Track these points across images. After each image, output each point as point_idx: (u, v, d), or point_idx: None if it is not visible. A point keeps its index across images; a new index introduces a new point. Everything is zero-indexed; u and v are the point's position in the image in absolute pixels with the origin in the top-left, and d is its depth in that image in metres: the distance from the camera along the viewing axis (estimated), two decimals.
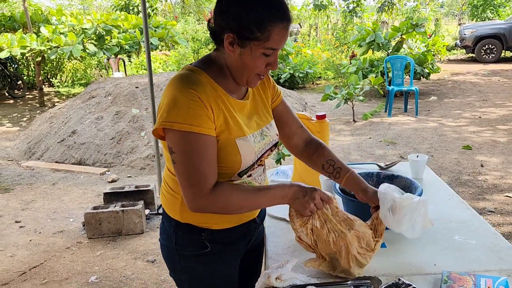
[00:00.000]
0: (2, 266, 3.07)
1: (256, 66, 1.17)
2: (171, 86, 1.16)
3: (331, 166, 1.42)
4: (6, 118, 8.02)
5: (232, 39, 1.13)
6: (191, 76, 1.17)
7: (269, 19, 1.10)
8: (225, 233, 1.33)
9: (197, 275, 1.36)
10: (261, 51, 1.13)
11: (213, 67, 1.22)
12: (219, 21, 1.16)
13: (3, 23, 9.56)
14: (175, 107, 1.11)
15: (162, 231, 1.41)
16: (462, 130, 6.09)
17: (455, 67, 12.97)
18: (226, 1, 1.14)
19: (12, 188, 4.63)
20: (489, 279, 1.18)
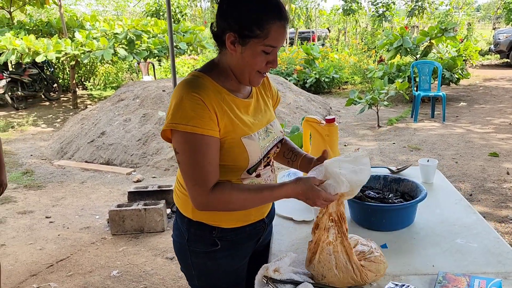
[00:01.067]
0: (31, 258, 3.25)
1: (256, 63, 1.23)
2: (177, 91, 1.23)
3: (290, 151, 1.56)
4: (41, 119, 8.39)
5: (234, 38, 1.20)
6: (195, 81, 1.25)
7: (267, 17, 1.18)
8: (234, 231, 1.39)
9: (206, 271, 1.43)
10: (261, 48, 1.20)
11: (217, 70, 1.30)
12: (220, 23, 1.24)
13: (41, 28, 10.03)
14: (180, 109, 1.19)
15: (175, 228, 1.48)
16: (490, 137, 5.95)
17: (488, 73, 12.63)
18: (226, 4, 1.22)
19: (44, 186, 4.86)
20: (483, 280, 1.20)
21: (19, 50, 7.85)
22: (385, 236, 1.52)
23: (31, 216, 4.04)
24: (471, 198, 3.88)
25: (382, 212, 1.56)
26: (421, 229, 1.57)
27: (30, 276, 3.01)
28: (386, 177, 1.78)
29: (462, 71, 8.78)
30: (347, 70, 11.48)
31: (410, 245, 1.47)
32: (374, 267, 1.26)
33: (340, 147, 5.74)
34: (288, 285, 1.22)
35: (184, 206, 1.40)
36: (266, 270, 1.23)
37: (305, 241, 1.52)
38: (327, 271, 1.24)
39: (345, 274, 1.23)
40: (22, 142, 6.74)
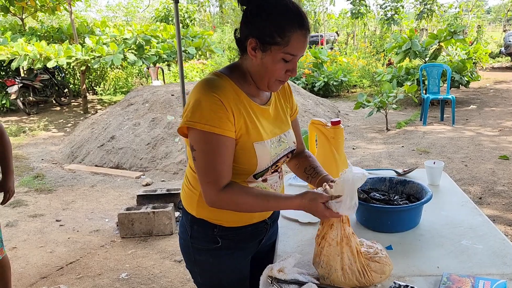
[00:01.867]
0: (42, 261, 3.29)
1: (275, 70, 1.25)
2: (197, 89, 1.26)
3: (312, 168, 1.54)
4: (52, 124, 8.50)
5: (255, 44, 1.23)
6: (215, 81, 1.27)
7: (289, 26, 1.20)
8: (235, 230, 1.42)
9: (208, 268, 1.45)
10: (280, 56, 1.22)
11: (238, 73, 1.32)
12: (244, 30, 1.26)
13: (52, 34, 10.18)
14: (199, 108, 1.21)
15: (180, 224, 1.52)
16: (501, 140, 5.90)
17: (499, 75, 12.52)
18: (250, 10, 1.25)
19: (55, 189, 4.93)
20: (488, 282, 1.20)
21: (30, 56, 7.98)
22: (390, 238, 1.52)
23: (41, 219, 4.09)
24: (481, 201, 3.85)
25: (387, 214, 1.56)
26: (426, 231, 1.56)
27: (40, 278, 3.05)
28: (391, 179, 1.78)
29: (471, 74, 8.72)
30: (356, 73, 11.47)
31: (415, 247, 1.47)
32: (379, 268, 1.26)
33: (349, 150, 5.74)
34: (293, 285, 1.23)
35: (189, 203, 1.43)
36: (271, 270, 1.24)
37: (311, 243, 1.53)
38: (333, 272, 1.25)
39: (350, 276, 1.23)
40: (34, 147, 6.84)
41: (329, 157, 1.97)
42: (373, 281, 1.24)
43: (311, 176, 1.53)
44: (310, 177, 1.53)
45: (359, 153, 5.64)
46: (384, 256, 1.29)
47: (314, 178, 1.52)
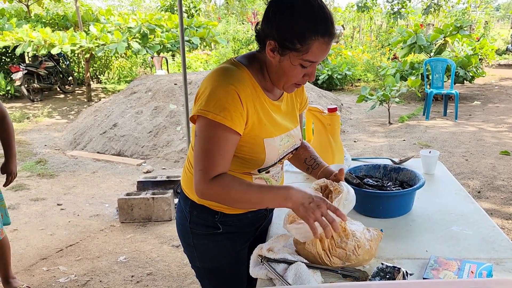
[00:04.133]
0: (42, 243, 3.34)
1: (293, 75, 1.21)
2: (214, 77, 1.21)
3: (313, 159, 1.54)
4: (56, 111, 8.55)
5: (274, 47, 1.18)
6: (234, 72, 1.22)
7: (311, 33, 1.14)
8: (236, 217, 1.43)
9: (208, 252, 1.46)
10: (298, 62, 1.18)
11: (256, 65, 1.28)
12: (264, 27, 1.21)
13: (57, 21, 10.20)
14: (214, 98, 1.17)
15: (178, 209, 1.52)
16: (503, 136, 5.88)
17: (505, 72, 12.43)
18: (273, 9, 1.18)
19: (56, 175, 4.97)
20: (474, 265, 1.21)
21: (35, 42, 8.01)
22: (382, 223, 1.54)
23: (43, 203, 4.14)
24: (479, 195, 3.85)
25: (379, 199, 1.58)
26: (418, 217, 1.58)
27: (40, 259, 3.10)
28: (386, 166, 1.79)
29: (477, 70, 8.67)
30: (360, 67, 11.42)
31: (406, 231, 1.49)
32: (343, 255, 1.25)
33: (350, 143, 5.75)
34: (282, 264, 1.25)
35: (189, 187, 1.41)
36: (261, 250, 1.27)
37: None
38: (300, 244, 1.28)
39: (312, 251, 1.24)
40: (37, 133, 6.89)
41: (325, 144, 1.99)
42: (333, 264, 1.24)
43: (312, 167, 1.52)
44: (310, 168, 1.53)
45: (360, 146, 5.64)
46: (355, 245, 1.26)
47: (315, 169, 1.51)
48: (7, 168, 2.39)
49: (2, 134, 2.32)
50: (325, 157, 2.00)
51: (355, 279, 1.21)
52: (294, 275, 1.19)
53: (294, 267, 1.22)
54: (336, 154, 1.98)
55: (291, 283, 1.17)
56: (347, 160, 2.13)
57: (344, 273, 1.24)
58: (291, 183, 1.93)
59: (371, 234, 1.35)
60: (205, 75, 7.81)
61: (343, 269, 1.25)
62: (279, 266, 1.24)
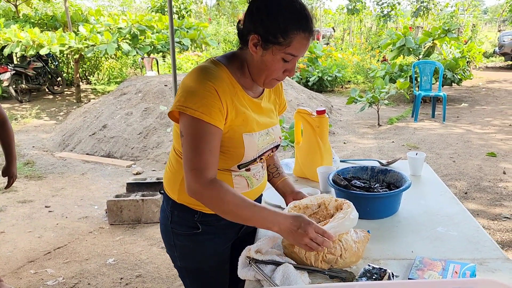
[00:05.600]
0: (30, 245, 3.31)
1: (274, 70, 1.25)
2: (193, 75, 1.25)
3: (275, 167, 1.64)
4: (44, 112, 8.47)
5: (257, 41, 1.22)
6: (212, 70, 1.26)
7: (293, 27, 1.19)
8: (216, 217, 1.39)
9: (188, 252, 1.47)
10: (281, 56, 1.22)
11: (235, 64, 1.32)
12: (247, 23, 1.26)
13: (46, 22, 10.11)
14: (192, 94, 1.21)
15: (161, 209, 1.53)
16: (490, 138, 5.97)
17: (492, 75, 12.61)
18: (256, 6, 1.23)
19: (44, 176, 4.93)
20: (458, 265, 1.23)
21: (23, 43, 7.93)
22: (369, 224, 1.56)
23: (30, 205, 4.10)
24: (466, 196, 3.90)
25: (366, 201, 1.59)
26: (404, 218, 1.60)
27: (27, 262, 3.07)
28: (373, 168, 1.81)
29: (464, 72, 8.79)
30: (350, 69, 11.50)
31: (392, 233, 1.51)
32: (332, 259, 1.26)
33: (340, 144, 5.79)
34: (270, 265, 1.26)
35: (171, 186, 1.43)
36: (249, 251, 1.28)
37: None
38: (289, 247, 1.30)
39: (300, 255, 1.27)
40: (25, 134, 6.82)
41: (314, 146, 2.00)
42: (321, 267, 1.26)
43: (273, 175, 1.63)
44: (271, 175, 1.63)
45: (350, 148, 5.68)
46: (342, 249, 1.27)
47: (275, 177, 1.62)
48: (8, 171, 2.40)
49: (3, 138, 2.33)
50: (313, 159, 2.02)
51: (342, 280, 1.23)
52: (282, 276, 1.20)
53: (282, 268, 1.23)
54: (324, 156, 1.99)
55: (279, 284, 1.18)
56: (335, 162, 2.15)
57: (331, 274, 1.25)
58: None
59: (358, 235, 1.36)
60: None
61: (330, 270, 1.26)
62: (267, 268, 1.25)
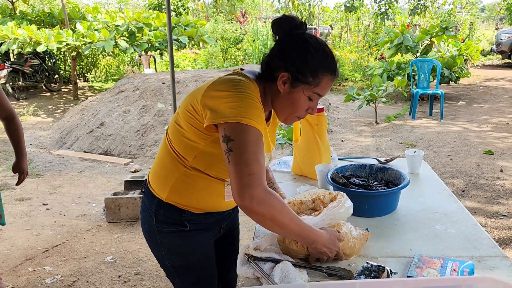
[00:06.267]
0: (27, 243, 3.30)
1: (299, 107, 1.30)
2: (234, 86, 1.22)
3: (271, 183, 1.69)
4: (42, 109, 8.44)
5: (286, 79, 1.26)
6: (251, 86, 1.25)
7: (322, 69, 1.25)
8: (203, 216, 1.43)
9: (175, 249, 1.46)
10: (308, 94, 1.27)
11: (261, 87, 1.31)
12: (276, 61, 1.28)
13: (43, 19, 10.07)
14: (249, 106, 1.18)
15: (142, 209, 1.50)
16: (487, 136, 5.98)
17: (490, 73, 12.64)
18: (288, 45, 1.27)
19: (42, 174, 4.92)
20: (456, 263, 1.24)
21: (20, 40, 7.90)
22: (368, 222, 1.56)
23: (28, 203, 4.09)
24: (463, 194, 3.92)
25: (365, 199, 1.60)
26: (403, 216, 1.61)
27: (25, 260, 3.06)
28: (372, 166, 1.82)
29: (462, 70, 8.80)
30: (348, 67, 11.50)
31: (391, 230, 1.51)
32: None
33: (337, 142, 5.79)
34: (269, 263, 1.26)
35: (161, 185, 1.39)
36: (248, 248, 1.28)
37: None
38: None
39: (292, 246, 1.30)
40: None
41: (312, 144, 2.01)
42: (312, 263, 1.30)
43: None
44: None
45: (348, 146, 5.69)
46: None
47: None
48: (19, 167, 2.39)
49: (12, 134, 2.31)
50: (312, 157, 2.02)
51: (340, 278, 1.23)
52: (281, 274, 1.21)
53: (280, 266, 1.23)
54: (323, 154, 2.00)
55: (277, 282, 1.18)
56: (333, 160, 2.15)
57: (330, 272, 1.26)
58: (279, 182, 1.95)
59: (358, 232, 1.37)
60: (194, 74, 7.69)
61: (328, 268, 1.27)
62: (266, 265, 1.26)
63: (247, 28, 13.64)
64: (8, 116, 2.27)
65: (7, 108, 2.25)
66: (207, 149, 1.29)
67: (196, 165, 1.32)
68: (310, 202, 1.48)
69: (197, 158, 1.31)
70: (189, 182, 1.35)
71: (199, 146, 1.29)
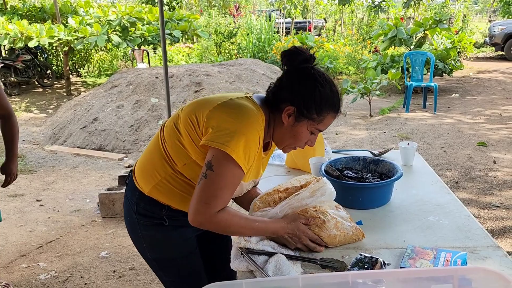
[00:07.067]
0: (21, 240, 3.29)
1: (300, 140, 1.33)
2: (243, 117, 1.24)
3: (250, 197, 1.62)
4: (34, 105, 8.37)
5: (291, 112, 1.28)
6: (259, 119, 1.27)
7: (328, 107, 1.29)
8: (182, 213, 1.40)
9: (156, 242, 1.46)
10: (310, 129, 1.31)
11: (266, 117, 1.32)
12: (284, 93, 1.30)
13: (34, 14, 9.96)
14: (241, 141, 1.20)
15: (124, 201, 1.49)
16: (480, 127, 6.02)
17: (483, 65, 12.67)
18: (297, 80, 1.29)
19: (35, 170, 4.89)
20: (449, 253, 1.25)
21: (11, 35, 7.82)
22: (362, 214, 1.57)
23: (21, 199, 4.07)
24: (457, 186, 3.94)
25: (359, 191, 1.60)
26: (396, 208, 1.62)
27: (19, 256, 3.05)
28: (365, 158, 1.82)
29: (455, 63, 8.82)
30: (342, 60, 11.48)
31: (384, 222, 1.52)
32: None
33: (332, 135, 5.80)
34: (262, 256, 1.26)
35: (145, 179, 1.39)
36: (239, 243, 1.28)
37: None
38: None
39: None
40: None
41: None
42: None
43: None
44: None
45: (342, 139, 5.70)
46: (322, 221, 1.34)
47: None
48: (7, 168, 2.31)
49: (6, 133, 2.25)
50: (305, 150, 2.00)
51: (334, 269, 1.24)
52: (275, 267, 1.21)
53: (274, 259, 1.24)
54: (316, 147, 1.99)
55: (271, 275, 1.19)
56: (327, 153, 2.15)
57: (324, 264, 1.26)
58: (273, 176, 1.95)
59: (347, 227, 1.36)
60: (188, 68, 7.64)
61: (322, 259, 1.27)
62: (259, 258, 1.26)
63: (240, 22, 13.58)
64: (6, 114, 2.22)
65: (5, 107, 2.20)
66: (199, 162, 1.29)
67: (183, 172, 1.33)
68: (296, 189, 1.45)
69: (186, 166, 1.32)
70: (173, 184, 1.35)
71: (192, 157, 1.30)
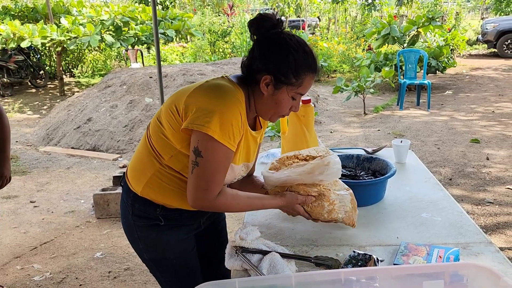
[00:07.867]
0: (15, 241, 3.27)
1: (283, 107, 1.31)
2: (220, 96, 1.23)
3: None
4: (27, 106, 8.32)
5: (269, 81, 1.26)
6: (237, 95, 1.26)
7: (304, 69, 1.26)
8: (177, 211, 1.41)
9: (153, 243, 1.46)
10: (291, 95, 1.29)
11: (245, 92, 1.31)
12: (258, 63, 1.28)
13: (26, 14, 9.89)
14: (221, 119, 1.19)
15: (121, 203, 1.49)
16: (473, 124, 6.05)
17: (476, 62, 12.74)
18: (269, 48, 1.27)
19: (29, 171, 4.86)
20: (442, 250, 1.26)
21: (3, 36, 7.76)
22: None
23: (15, 200, 4.04)
24: (451, 182, 3.96)
25: (352, 188, 1.59)
26: (390, 205, 1.62)
27: (13, 258, 3.03)
28: (359, 156, 1.83)
29: (448, 60, 8.86)
30: (336, 58, 11.51)
31: (377, 219, 1.52)
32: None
33: (326, 134, 5.81)
34: (257, 255, 1.27)
35: (136, 179, 1.39)
36: (233, 241, 1.28)
37: (278, 217, 1.58)
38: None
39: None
40: None
41: (300, 135, 2.00)
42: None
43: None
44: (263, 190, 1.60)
45: (336, 137, 5.71)
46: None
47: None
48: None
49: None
50: (299, 148, 2.01)
51: (327, 267, 1.24)
52: (269, 265, 1.21)
53: (268, 257, 1.24)
54: (310, 145, 1.99)
55: (265, 273, 1.19)
56: None
57: (318, 261, 1.26)
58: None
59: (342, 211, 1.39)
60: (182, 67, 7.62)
61: (316, 257, 1.28)
62: (254, 257, 1.26)
63: (234, 20, 13.57)
64: None
65: None
66: (184, 151, 1.29)
67: (171, 165, 1.32)
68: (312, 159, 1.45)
69: (173, 158, 1.31)
70: (163, 179, 1.34)
71: (176, 147, 1.29)
